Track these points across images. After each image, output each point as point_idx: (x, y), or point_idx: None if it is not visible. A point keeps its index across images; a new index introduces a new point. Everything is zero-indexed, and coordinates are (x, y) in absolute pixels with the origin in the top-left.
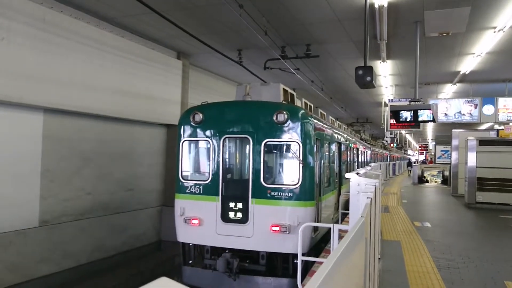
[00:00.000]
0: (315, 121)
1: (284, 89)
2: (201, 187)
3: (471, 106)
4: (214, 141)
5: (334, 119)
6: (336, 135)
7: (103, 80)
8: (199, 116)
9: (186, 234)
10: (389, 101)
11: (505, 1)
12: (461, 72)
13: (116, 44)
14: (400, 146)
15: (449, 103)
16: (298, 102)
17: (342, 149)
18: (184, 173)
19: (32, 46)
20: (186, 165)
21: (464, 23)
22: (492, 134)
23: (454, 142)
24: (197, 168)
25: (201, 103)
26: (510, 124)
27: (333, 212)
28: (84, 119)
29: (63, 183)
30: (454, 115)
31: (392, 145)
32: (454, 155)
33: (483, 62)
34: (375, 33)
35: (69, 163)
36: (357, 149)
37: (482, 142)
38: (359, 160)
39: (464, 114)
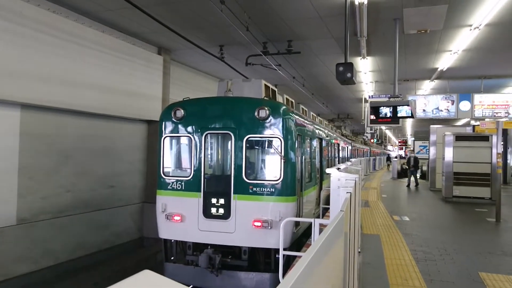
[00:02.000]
0: (297, 117)
1: (265, 85)
2: (183, 183)
3: (448, 102)
4: (196, 137)
5: (315, 115)
6: (317, 131)
7: (83, 75)
8: (180, 112)
9: (168, 231)
10: (369, 97)
11: (480, 0)
12: (438, 69)
13: (96, 39)
14: (380, 142)
15: (427, 99)
16: (279, 98)
17: (323, 145)
18: (165, 169)
19: (8, 40)
20: (167, 161)
21: (442, 21)
22: (469, 130)
23: (432, 137)
24: (178, 164)
25: (182, 99)
26: (486, 120)
27: (314, 207)
28: (64, 115)
29: (42, 180)
30: (432, 111)
31: (372, 140)
32: (432, 150)
33: (460, 59)
34: (355, 29)
35: (48, 160)
36: (338, 144)
37: (459, 138)
38: (340, 155)
39: (441, 110)
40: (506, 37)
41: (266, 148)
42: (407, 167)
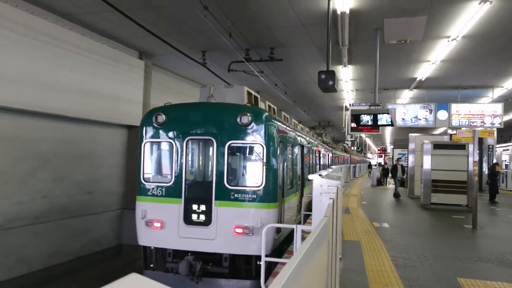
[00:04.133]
0: (279, 123)
1: (248, 91)
2: (163, 189)
3: (427, 111)
4: (177, 143)
5: (297, 122)
6: (299, 138)
7: (62, 78)
8: (162, 117)
9: (147, 238)
10: (350, 105)
11: (458, 13)
12: (417, 79)
13: (76, 42)
14: (360, 150)
15: (406, 108)
16: (262, 105)
17: (305, 152)
18: (146, 175)
19: None
20: (148, 167)
21: (421, 32)
22: (446, 139)
23: (411, 145)
24: (159, 170)
25: (164, 104)
26: (462, 129)
27: (296, 214)
28: (41, 119)
29: (17, 186)
30: (411, 119)
31: (352, 148)
32: (411, 158)
33: (438, 70)
34: (337, 38)
35: (24, 165)
36: (319, 151)
37: (437, 146)
38: (321, 162)
39: (420, 119)
40: (481, 49)
41: (248, 154)
42: (392, 176)
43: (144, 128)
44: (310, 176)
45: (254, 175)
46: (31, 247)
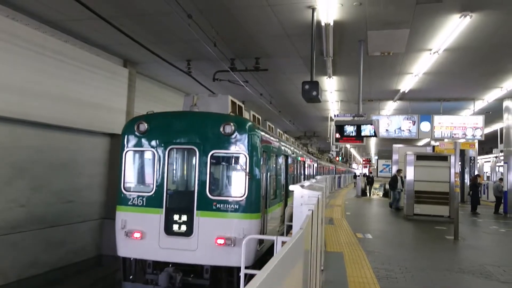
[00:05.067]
0: (263, 133)
1: (232, 101)
2: (144, 198)
3: (410, 122)
4: (159, 152)
5: (282, 132)
6: (283, 148)
7: (43, 85)
8: (144, 126)
9: (127, 248)
10: (334, 116)
11: (439, 26)
12: (401, 91)
13: (58, 48)
14: (345, 160)
15: (390, 119)
16: (246, 115)
17: (289, 162)
18: (126, 184)
19: None
20: (129, 176)
21: (404, 44)
22: (429, 150)
23: (395, 156)
24: (140, 179)
25: (146, 112)
26: (444, 140)
27: (279, 224)
28: (20, 126)
29: None
30: (395, 131)
31: (337, 158)
32: (395, 168)
33: (421, 82)
34: (321, 49)
35: (0, 173)
36: (304, 162)
37: (420, 157)
38: (306, 173)
39: (403, 130)
40: (463, 62)
41: (231, 164)
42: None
43: (126, 137)
44: (291, 187)
45: (236, 185)
46: (6, 258)
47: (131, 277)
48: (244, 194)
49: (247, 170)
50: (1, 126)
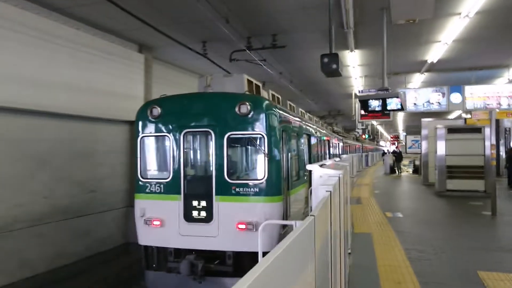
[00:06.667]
0: (281, 112)
1: (248, 80)
2: (161, 185)
3: (439, 95)
4: (174, 136)
5: (304, 112)
6: (305, 127)
7: (57, 75)
8: (157, 110)
9: (147, 237)
10: (359, 92)
11: None
12: (428, 61)
13: (71, 37)
14: (372, 138)
15: (417, 93)
16: (264, 94)
17: (313, 142)
18: (143, 172)
19: None
20: (145, 163)
21: (431, 9)
22: (461, 123)
23: (424, 131)
24: (157, 166)
25: (159, 96)
26: (477, 111)
27: (303, 206)
28: (38, 117)
29: (15, 188)
30: (423, 104)
31: (363, 136)
32: (424, 144)
33: (450, 50)
34: (341, 21)
35: (22, 166)
36: (329, 141)
37: (451, 130)
38: (331, 152)
39: (432, 103)
40: (496, 26)
41: (248, 145)
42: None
43: (139, 122)
44: (308, 167)
45: (256, 167)
46: (33, 249)
47: (154, 265)
48: (264, 177)
49: (266, 151)
50: (19, 118)
